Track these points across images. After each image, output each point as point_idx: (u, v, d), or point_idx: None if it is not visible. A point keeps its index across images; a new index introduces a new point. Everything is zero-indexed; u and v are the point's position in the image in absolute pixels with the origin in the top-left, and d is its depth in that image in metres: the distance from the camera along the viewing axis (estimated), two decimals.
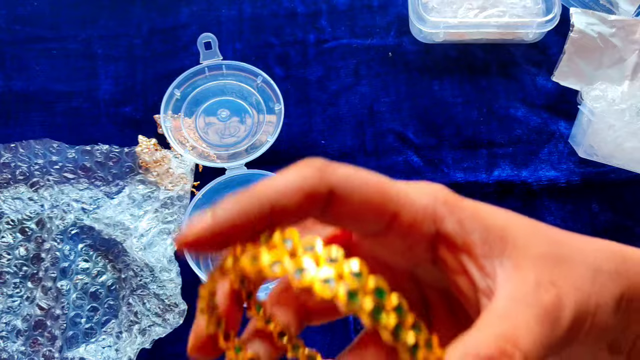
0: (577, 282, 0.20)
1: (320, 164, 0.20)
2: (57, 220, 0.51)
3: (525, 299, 0.19)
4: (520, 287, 0.19)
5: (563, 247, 0.21)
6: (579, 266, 0.20)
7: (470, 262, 0.20)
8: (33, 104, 0.57)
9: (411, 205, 0.20)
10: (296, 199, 0.19)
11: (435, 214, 0.21)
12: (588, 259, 0.21)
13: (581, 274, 0.20)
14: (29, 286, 0.50)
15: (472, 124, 0.56)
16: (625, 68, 0.54)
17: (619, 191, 0.53)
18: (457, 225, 0.20)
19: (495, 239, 0.20)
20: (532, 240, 0.20)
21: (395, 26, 0.59)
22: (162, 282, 0.49)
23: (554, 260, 0.20)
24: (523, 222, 0.21)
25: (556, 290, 0.19)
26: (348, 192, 0.20)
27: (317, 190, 0.19)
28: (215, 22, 0.59)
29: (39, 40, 0.59)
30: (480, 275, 0.20)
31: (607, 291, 0.20)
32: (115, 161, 0.53)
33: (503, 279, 0.19)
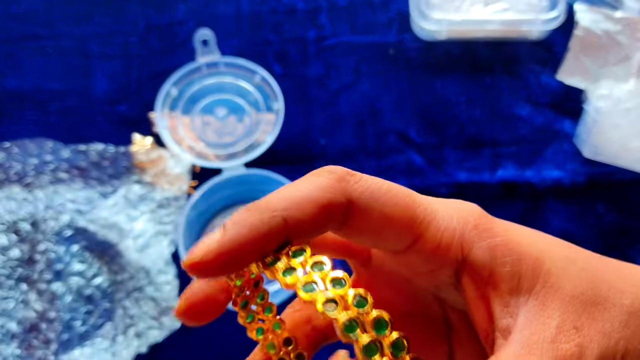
0: (606, 327, 0.18)
1: (341, 172, 0.18)
2: (52, 221, 0.50)
3: (540, 346, 0.17)
4: (538, 332, 0.18)
5: (599, 286, 0.19)
6: (613, 308, 0.19)
7: (494, 297, 0.19)
8: (27, 102, 0.56)
9: (438, 228, 0.19)
10: (312, 212, 0.17)
11: (464, 239, 0.19)
12: (625, 299, 0.19)
13: (612, 317, 0.19)
14: (24, 288, 0.49)
15: (476, 122, 0.56)
16: (631, 66, 0.54)
17: (624, 192, 0.53)
18: (487, 253, 0.19)
19: (526, 273, 0.18)
20: (567, 276, 0.19)
21: (396, 23, 0.59)
22: (159, 285, 0.48)
23: (585, 302, 0.18)
24: (560, 253, 0.19)
25: (579, 338, 0.18)
26: (370, 206, 0.18)
27: (336, 203, 0.18)
28: (212, 18, 0.59)
29: (33, 38, 0.58)
30: (502, 312, 0.19)
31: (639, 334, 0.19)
32: (110, 161, 0.53)
33: (524, 321, 0.18)
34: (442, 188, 0.53)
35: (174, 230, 0.50)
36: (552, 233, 0.57)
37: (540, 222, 0.52)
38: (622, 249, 0.51)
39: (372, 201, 0.18)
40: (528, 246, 0.19)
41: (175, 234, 0.50)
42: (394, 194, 0.18)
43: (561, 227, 0.52)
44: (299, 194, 0.18)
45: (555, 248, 0.19)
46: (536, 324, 0.18)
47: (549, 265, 0.19)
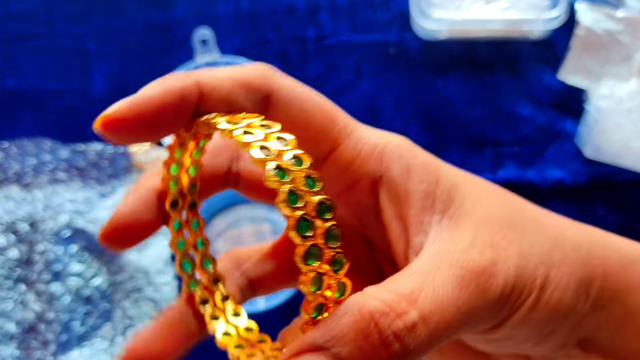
0: (525, 249, 0.17)
1: (268, 66, 0.19)
2: (51, 221, 0.50)
3: (449, 258, 0.17)
4: (450, 245, 0.17)
5: (519, 214, 0.19)
6: (534, 234, 0.18)
7: (409, 215, 0.18)
8: (25, 102, 0.57)
9: (359, 139, 0.19)
10: (228, 85, 0.18)
11: (384, 154, 0.19)
12: (549, 230, 0.18)
13: (534, 242, 0.18)
14: (22, 289, 0.49)
15: (477, 122, 0.56)
16: (633, 65, 0.54)
17: (626, 192, 0.53)
18: (405, 170, 0.19)
19: (442, 193, 0.18)
20: (484, 201, 0.18)
21: (397, 22, 0.59)
22: (158, 286, 0.48)
23: (504, 223, 0.18)
24: (482, 185, 0.19)
25: (493, 253, 0.17)
26: (290, 99, 0.18)
27: (253, 84, 0.18)
28: (211, 17, 0.59)
29: (31, 37, 0.58)
30: (416, 230, 0.18)
31: (567, 268, 0.18)
32: (109, 161, 0.53)
33: (435, 236, 0.17)
34: None
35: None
36: None
37: None
38: None
39: (293, 95, 0.18)
40: (449, 173, 0.19)
41: None
42: (318, 99, 0.19)
43: None
44: (221, 71, 0.18)
45: (478, 181, 0.19)
46: (448, 239, 0.17)
47: (467, 190, 0.18)
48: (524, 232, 0.18)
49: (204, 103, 0.17)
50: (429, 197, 0.18)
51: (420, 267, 0.17)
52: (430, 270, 0.16)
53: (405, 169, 0.19)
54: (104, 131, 0.17)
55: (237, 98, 0.18)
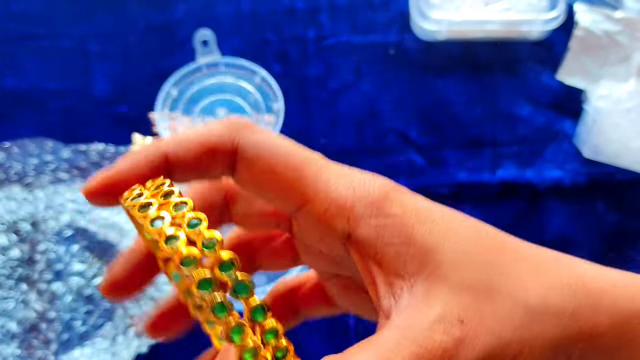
0: (497, 325, 0.17)
1: (238, 123, 0.19)
2: (52, 221, 0.51)
3: (413, 334, 0.16)
4: (416, 320, 0.17)
5: (495, 280, 0.17)
6: (509, 305, 0.17)
7: (378, 275, 0.18)
8: (27, 102, 0.57)
9: (327, 195, 0.18)
10: (194, 152, 0.18)
11: (352, 212, 0.18)
12: (529, 296, 0.17)
13: (507, 314, 0.17)
14: (24, 288, 0.50)
15: (476, 122, 0.56)
16: (631, 66, 0.54)
17: (624, 192, 0.53)
18: (374, 231, 0.18)
19: (413, 258, 0.17)
20: (462, 264, 0.17)
21: (396, 23, 0.59)
22: (159, 285, 0.48)
23: (477, 293, 0.17)
24: (459, 244, 0.18)
25: (461, 332, 0.16)
26: (256, 156, 0.19)
27: (219, 147, 0.18)
28: (212, 18, 0.59)
29: (32, 38, 0.58)
30: (385, 292, 0.18)
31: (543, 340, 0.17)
32: (110, 161, 0.53)
33: (404, 304, 0.17)
34: (443, 188, 0.53)
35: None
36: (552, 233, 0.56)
37: (540, 222, 0.52)
38: (621, 249, 0.52)
39: (261, 152, 0.18)
40: (424, 232, 0.18)
41: None
42: (286, 152, 0.19)
43: (561, 227, 0.52)
44: (186, 136, 0.19)
45: (455, 238, 0.18)
46: (416, 310, 0.17)
47: (441, 255, 0.17)
48: (501, 302, 0.17)
49: (172, 172, 0.19)
50: (400, 259, 0.18)
51: (382, 342, 0.16)
52: (391, 348, 0.16)
53: (374, 230, 0.18)
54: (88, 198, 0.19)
55: (203, 164, 0.19)
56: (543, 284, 0.18)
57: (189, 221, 0.17)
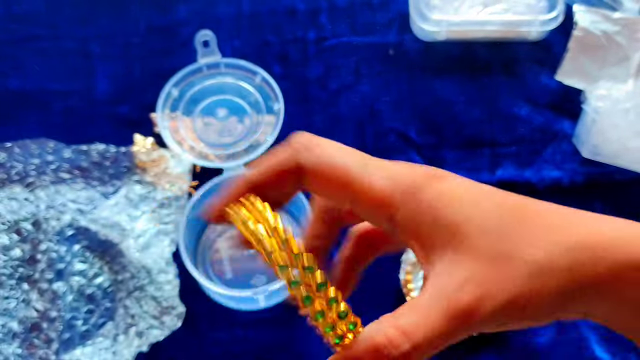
0: (507, 284, 0.21)
1: (298, 145, 0.25)
2: (53, 221, 0.51)
3: (443, 295, 0.21)
4: (444, 284, 0.21)
5: (512, 243, 0.21)
6: (517, 265, 0.21)
7: (418, 250, 0.23)
8: (29, 103, 0.57)
9: (369, 189, 0.23)
10: (270, 178, 0.25)
11: (392, 200, 0.23)
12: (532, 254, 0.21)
13: (515, 273, 0.21)
14: (25, 288, 0.50)
15: (475, 123, 0.56)
16: (630, 66, 0.54)
17: (623, 191, 0.53)
18: (408, 216, 0.22)
19: (443, 233, 0.22)
20: (484, 236, 0.22)
21: (396, 24, 0.59)
22: (160, 284, 0.49)
23: (495, 258, 0.21)
24: (484, 215, 0.22)
25: (479, 291, 0.21)
26: (315, 171, 0.24)
27: (288, 170, 0.24)
28: (213, 19, 0.59)
29: (35, 39, 0.59)
30: (424, 264, 0.22)
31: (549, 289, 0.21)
32: (111, 161, 0.53)
33: (436, 272, 0.22)
34: None
35: (174, 230, 0.51)
36: None
37: None
38: None
39: (316, 167, 0.24)
40: (451, 212, 0.22)
41: (175, 233, 0.51)
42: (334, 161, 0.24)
43: None
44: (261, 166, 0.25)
45: (479, 213, 0.22)
46: (445, 275, 0.21)
47: (466, 230, 0.22)
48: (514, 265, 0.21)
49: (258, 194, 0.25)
50: (431, 235, 0.22)
51: (420, 303, 0.21)
52: (427, 307, 0.21)
53: (410, 214, 0.22)
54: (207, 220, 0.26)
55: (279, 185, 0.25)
56: (549, 244, 0.21)
57: (338, 313, 0.21)
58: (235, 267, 0.51)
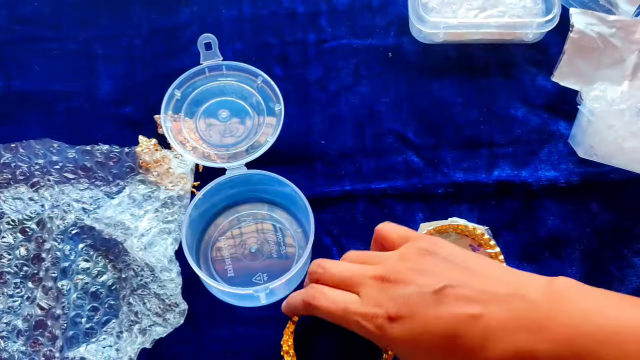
0: None
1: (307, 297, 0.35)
2: (58, 220, 0.51)
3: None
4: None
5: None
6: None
7: None
8: (33, 103, 0.57)
9: None
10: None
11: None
12: None
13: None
14: (30, 286, 0.50)
15: (472, 124, 0.56)
16: (625, 68, 0.54)
17: (619, 191, 0.54)
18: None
19: None
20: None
21: (395, 26, 0.59)
22: (163, 282, 0.49)
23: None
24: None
25: None
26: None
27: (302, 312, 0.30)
28: (215, 22, 0.59)
29: (38, 40, 0.59)
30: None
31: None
32: (115, 161, 0.53)
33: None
34: (440, 188, 0.54)
35: (177, 229, 0.51)
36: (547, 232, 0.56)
37: (536, 221, 0.53)
38: (616, 247, 0.52)
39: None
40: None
41: (178, 232, 0.51)
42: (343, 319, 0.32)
43: (556, 226, 0.53)
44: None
45: None
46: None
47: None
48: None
49: None
50: None
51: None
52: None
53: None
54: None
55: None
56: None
57: None
58: (237, 265, 0.51)
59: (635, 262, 0.51)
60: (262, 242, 0.52)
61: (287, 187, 0.50)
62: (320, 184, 0.54)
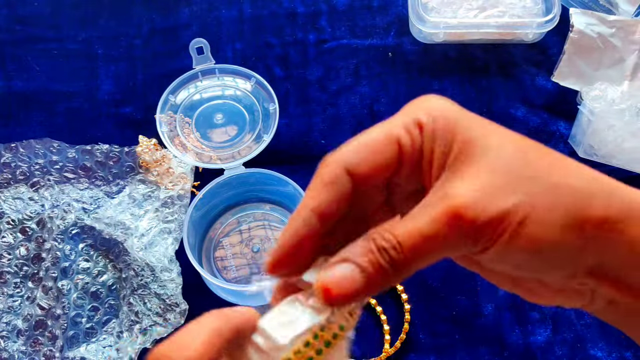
0: (510, 191, 0.21)
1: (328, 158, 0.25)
2: (58, 220, 0.51)
3: (437, 198, 0.21)
4: (444, 189, 0.22)
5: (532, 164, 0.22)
6: (529, 180, 0.21)
7: (433, 168, 0.23)
8: (33, 104, 0.57)
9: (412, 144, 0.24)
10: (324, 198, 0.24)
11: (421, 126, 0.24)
12: (552, 177, 0.21)
13: (526, 187, 0.21)
14: (30, 286, 0.50)
15: None
16: (625, 68, 0.54)
17: None
18: (430, 137, 0.23)
19: (455, 151, 0.22)
20: (498, 154, 0.22)
21: (395, 26, 0.59)
22: (163, 282, 0.49)
23: (506, 174, 0.21)
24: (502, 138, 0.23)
25: (478, 194, 0.21)
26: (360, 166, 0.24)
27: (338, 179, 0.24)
28: (215, 22, 0.59)
29: (39, 40, 0.59)
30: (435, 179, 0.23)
31: (555, 209, 0.21)
32: (115, 161, 0.53)
33: (439, 183, 0.22)
34: None
35: (178, 229, 0.51)
36: None
37: None
38: None
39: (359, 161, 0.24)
40: (468, 130, 0.23)
41: (179, 232, 0.51)
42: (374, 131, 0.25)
43: None
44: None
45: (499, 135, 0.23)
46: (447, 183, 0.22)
47: (482, 146, 0.22)
48: (520, 179, 0.21)
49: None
50: (445, 155, 0.22)
51: (417, 207, 0.22)
52: (417, 210, 0.22)
53: (431, 136, 0.23)
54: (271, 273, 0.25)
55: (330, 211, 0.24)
56: (569, 173, 0.22)
57: None
58: (240, 265, 0.52)
59: None
60: (265, 241, 0.52)
61: (288, 185, 0.50)
62: None
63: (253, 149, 0.52)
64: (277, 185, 0.51)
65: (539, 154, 0.23)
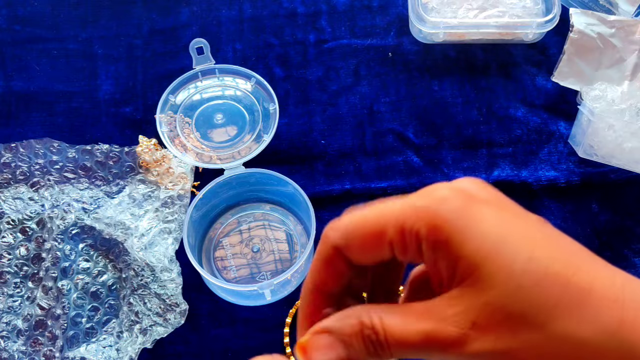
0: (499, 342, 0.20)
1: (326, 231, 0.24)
2: (58, 220, 0.51)
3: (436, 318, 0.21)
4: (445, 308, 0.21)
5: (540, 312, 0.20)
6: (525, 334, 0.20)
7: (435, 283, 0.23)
8: (33, 104, 0.57)
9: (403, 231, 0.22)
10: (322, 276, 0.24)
11: (418, 235, 0.22)
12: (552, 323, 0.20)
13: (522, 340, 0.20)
14: (30, 286, 0.50)
15: (472, 124, 0.56)
16: (625, 68, 0.54)
17: (618, 191, 0.54)
18: (431, 252, 0.22)
19: (459, 272, 0.21)
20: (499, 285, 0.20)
21: (395, 26, 0.59)
22: (163, 282, 0.49)
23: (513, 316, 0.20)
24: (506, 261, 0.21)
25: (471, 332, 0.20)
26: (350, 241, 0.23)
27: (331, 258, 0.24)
28: (215, 22, 0.59)
29: (39, 41, 0.59)
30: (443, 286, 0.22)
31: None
32: (115, 161, 0.54)
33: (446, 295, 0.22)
34: None
35: (178, 229, 0.51)
36: None
37: None
38: (616, 247, 0.52)
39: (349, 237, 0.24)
40: (472, 250, 0.21)
41: (179, 232, 0.51)
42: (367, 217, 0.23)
43: (556, 225, 0.52)
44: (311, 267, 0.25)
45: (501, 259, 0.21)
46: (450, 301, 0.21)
47: (487, 271, 0.21)
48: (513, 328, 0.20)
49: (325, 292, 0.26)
50: (449, 270, 0.22)
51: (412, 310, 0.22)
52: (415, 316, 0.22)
53: (430, 250, 0.22)
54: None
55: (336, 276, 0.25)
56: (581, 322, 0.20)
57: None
58: (240, 265, 0.52)
59: (635, 262, 0.52)
60: (265, 241, 0.52)
61: (288, 185, 0.50)
62: (320, 183, 0.54)
63: (253, 149, 0.52)
64: (277, 185, 0.51)
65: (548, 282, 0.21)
